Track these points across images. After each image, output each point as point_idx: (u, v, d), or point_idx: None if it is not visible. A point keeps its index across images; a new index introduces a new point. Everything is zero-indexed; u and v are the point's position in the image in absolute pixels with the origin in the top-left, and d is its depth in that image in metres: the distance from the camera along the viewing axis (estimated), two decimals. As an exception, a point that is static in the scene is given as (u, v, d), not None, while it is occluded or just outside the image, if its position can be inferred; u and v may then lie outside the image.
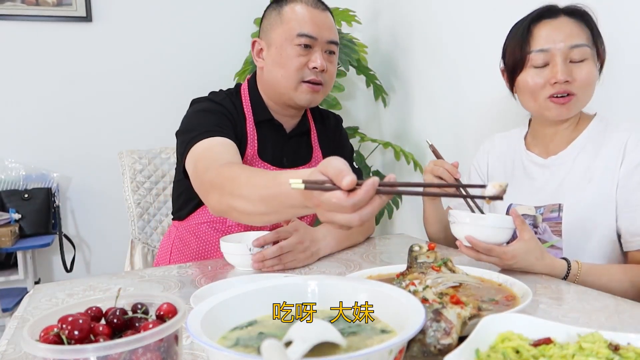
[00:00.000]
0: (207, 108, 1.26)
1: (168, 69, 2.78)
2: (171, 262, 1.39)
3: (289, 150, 1.35)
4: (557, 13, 1.17)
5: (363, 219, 0.67)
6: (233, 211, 0.95)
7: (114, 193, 2.39)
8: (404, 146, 2.45)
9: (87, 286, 1.05)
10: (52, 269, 2.71)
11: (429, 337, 0.60)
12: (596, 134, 1.19)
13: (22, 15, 2.53)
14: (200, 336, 0.52)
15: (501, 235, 1.00)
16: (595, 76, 1.16)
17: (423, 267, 0.83)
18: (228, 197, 0.94)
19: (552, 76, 1.13)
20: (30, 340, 0.51)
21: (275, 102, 1.32)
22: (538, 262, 1.01)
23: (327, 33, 1.27)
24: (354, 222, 0.67)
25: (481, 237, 0.99)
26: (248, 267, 1.11)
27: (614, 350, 0.56)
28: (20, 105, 2.58)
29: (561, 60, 1.13)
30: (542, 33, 1.16)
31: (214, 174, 1.01)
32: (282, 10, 1.27)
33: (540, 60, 1.15)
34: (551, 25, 1.15)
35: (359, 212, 0.67)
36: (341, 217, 0.68)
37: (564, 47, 1.13)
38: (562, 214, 1.17)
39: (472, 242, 0.99)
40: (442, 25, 2.21)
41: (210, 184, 1.02)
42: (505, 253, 0.98)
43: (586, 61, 1.13)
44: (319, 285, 0.68)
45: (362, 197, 0.66)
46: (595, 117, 1.23)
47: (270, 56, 1.28)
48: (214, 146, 1.14)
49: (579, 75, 1.13)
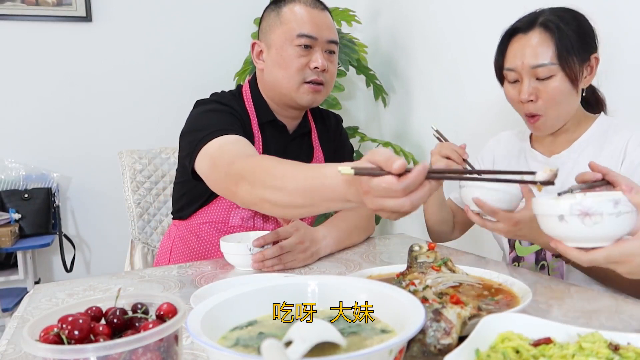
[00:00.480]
0: (216, 108, 1.25)
1: (168, 68, 2.78)
2: (171, 262, 1.39)
3: (292, 151, 1.35)
4: (531, 26, 1.15)
5: (414, 203, 0.67)
6: (265, 203, 0.92)
7: (114, 193, 2.40)
8: (404, 146, 2.45)
9: (87, 286, 1.05)
10: (52, 269, 2.71)
11: (428, 337, 0.60)
12: (599, 135, 1.20)
13: (22, 15, 2.54)
14: (200, 336, 0.52)
15: (509, 201, 1.00)
16: (564, 91, 1.13)
17: (423, 267, 0.83)
18: (260, 188, 0.92)
19: (519, 95, 1.16)
20: (30, 340, 0.51)
21: (277, 103, 1.32)
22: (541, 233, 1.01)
23: (326, 32, 1.26)
24: (406, 207, 0.66)
25: (489, 201, 0.99)
26: (248, 267, 1.11)
27: (614, 350, 0.56)
28: (20, 105, 2.58)
29: (527, 79, 1.15)
30: (512, 50, 1.18)
31: (244, 165, 0.99)
32: (281, 11, 1.27)
33: (511, 77, 1.19)
34: (520, 42, 1.16)
35: (409, 197, 0.66)
36: (392, 202, 0.67)
37: (527, 67, 1.14)
38: None
39: (479, 203, 0.99)
40: (442, 25, 2.21)
41: (239, 176, 0.98)
42: (510, 218, 0.99)
43: (552, 78, 1.13)
44: (319, 285, 0.68)
45: (413, 179, 0.66)
46: (599, 118, 1.23)
47: (271, 57, 1.28)
48: (230, 143, 1.12)
49: (543, 93, 1.14)
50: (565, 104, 1.16)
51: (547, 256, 1.21)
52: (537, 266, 1.23)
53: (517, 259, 1.27)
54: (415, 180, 0.66)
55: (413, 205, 0.67)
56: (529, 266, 1.24)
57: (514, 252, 1.27)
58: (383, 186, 0.66)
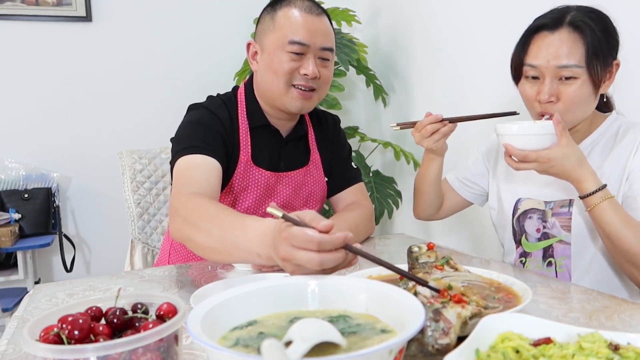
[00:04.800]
0: (200, 119, 1.25)
1: (168, 68, 2.78)
2: (170, 262, 1.39)
3: (286, 155, 1.34)
4: (559, 24, 1.12)
5: (323, 262, 0.68)
6: (191, 242, 0.98)
7: (114, 193, 2.40)
8: (404, 146, 2.45)
9: (87, 286, 1.05)
10: (52, 269, 2.71)
11: (427, 336, 0.60)
12: (610, 134, 1.18)
13: (22, 15, 2.54)
14: (200, 336, 0.52)
15: (542, 142, 1.05)
16: (585, 94, 1.12)
17: (426, 267, 0.83)
18: (190, 227, 0.97)
19: (538, 94, 1.15)
20: (30, 340, 0.51)
21: (269, 106, 1.30)
22: (574, 168, 1.04)
23: (320, 39, 1.23)
24: (314, 263, 0.68)
25: (521, 145, 1.05)
26: (248, 267, 1.11)
27: (614, 350, 0.56)
28: (20, 105, 2.58)
29: (549, 79, 1.12)
30: (536, 47, 1.14)
31: (181, 203, 1.04)
32: (275, 15, 1.25)
33: (531, 73, 1.16)
34: (546, 39, 1.13)
35: (321, 255, 0.68)
36: (303, 254, 0.69)
37: (552, 67, 1.11)
38: (572, 209, 1.17)
39: (508, 149, 1.05)
40: (442, 25, 2.21)
41: (175, 211, 1.05)
42: (541, 157, 1.03)
43: (575, 80, 1.10)
44: (319, 285, 0.68)
45: (332, 239, 0.68)
46: (610, 116, 1.21)
47: (263, 61, 1.26)
48: (194, 166, 1.16)
49: (564, 95, 1.12)
50: (584, 108, 1.15)
51: (555, 253, 1.21)
52: (544, 262, 1.22)
53: (525, 254, 1.26)
54: (333, 241, 0.68)
55: (321, 264, 0.68)
56: (537, 263, 1.24)
57: (521, 248, 1.27)
58: (302, 235, 0.68)
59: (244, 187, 1.28)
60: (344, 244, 0.69)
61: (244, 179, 1.27)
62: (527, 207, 1.25)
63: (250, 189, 1.28)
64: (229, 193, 1.27)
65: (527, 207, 1.25)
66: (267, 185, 1.30)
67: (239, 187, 1.27)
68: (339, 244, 0.69)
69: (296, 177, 1.34)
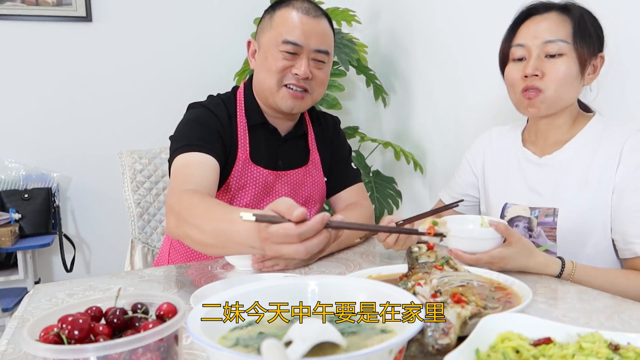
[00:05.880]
0: (198, 118, 1.26)
1: (168, 68, 2.78)
2: (170, 261, 1.39)
3: (284, 153, 1.35)
4: (549, 9, 1.16)
5: (309, 250, 0.69)
6: (187, 238, 0.99)
7: (114, 193, 2.40)
8: (404, 146, 2.45)
9: (87, 286, 1.05)
10: (52, 269, 2.71)
11: (427, 336, 0.60)
12: (593, 136, 1.18)
13: (22, 15, 2.54)
14: (200, 336, 0.52)
15: (489, 244, 1.02)
16: (571, 73, 1.13)
17: (426, 267, 0.83)
18: (185, 224, 0.98)
19: (524, 71, 1.15)
20: (30, 340, 0.51)
21: (265, 105, 1.32)
22: (530, 261, 1.03)
23: (314, 41, 1.24)
24: (301, 253, 0.69)
25: (470, 249, 1.02)
26: (248, 267, 1.11)
27: (614, 350, 0.56)
28: (21, 105, 2.58)
29: (535, 54, 1.14)
30: (525, 28, 1.17)
31: (176, 200, 1.05)
32: (274, 14, 1.27)
33: (518, 54, 1.17)
34: (535, 20, 1.16)
35: (304, 243, 0.69)
36: (288, 248, 0.70)
37: (539, 42, 1.13)
38: (557, 219, 1.16)
39: (458, 255, 1.01)
40: (442, 25, 2.21)
41: (170, 208, 1.05)
42: (493, 257, 1.00)
43: (562, 57, 1.12)
44: (319, 285, 0.68)
45: (309, 227, 0.69)
46: (594, 118, 1.21)
47: (259, 59, 1.28)
48: (191, 164, 1.17)
49: (551, 71, 1.12)
50: (568, 88, 1.15)
51: None
52: None
53: None
54: (311, 228, 0.69)
55: (308, 252, 0.69)
56: None
57: None
58: (281, 232, 0.69)
59: (242, 185, 1.28)
60: (323, 226, 0.70)
61: (242, 177, 1.28)
62: (513, 215, 1.24)
63: (248, 186, 1.29)
64: (227, 191, 1.28)
65: (514, 214, 1.24)
66: (265, 184, 1.30)
67: (237, 184, 1.27)
68: (318, 228, 0.70)
69: (295, 177, 1.35)
